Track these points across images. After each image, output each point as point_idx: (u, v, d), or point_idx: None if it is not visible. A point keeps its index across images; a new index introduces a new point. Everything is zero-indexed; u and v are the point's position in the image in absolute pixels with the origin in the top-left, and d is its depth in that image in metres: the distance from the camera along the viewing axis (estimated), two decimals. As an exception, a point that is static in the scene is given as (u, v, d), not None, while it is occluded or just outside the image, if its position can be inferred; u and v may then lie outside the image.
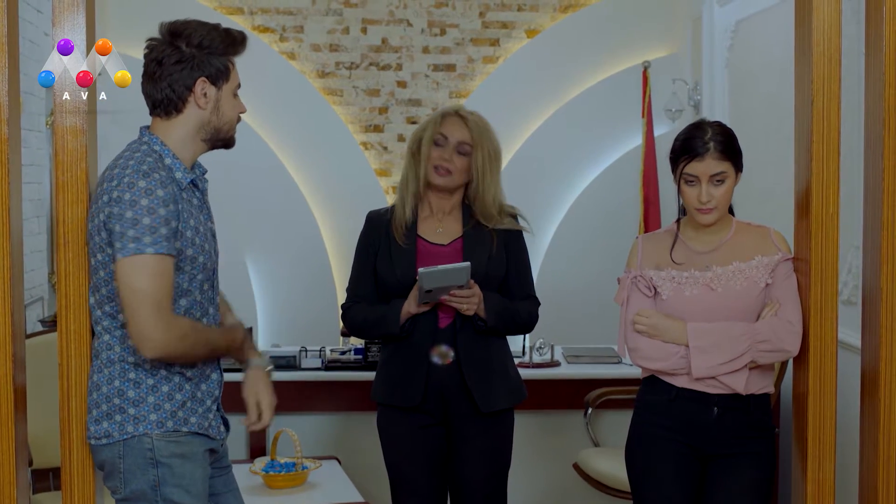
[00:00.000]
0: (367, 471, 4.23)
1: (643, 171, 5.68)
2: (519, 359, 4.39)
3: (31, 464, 3.34)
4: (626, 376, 4.30)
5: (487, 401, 3.09)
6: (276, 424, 4.30)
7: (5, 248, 2.39)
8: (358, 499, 3.79)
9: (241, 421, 2.56)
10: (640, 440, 2.85)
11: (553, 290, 5.39)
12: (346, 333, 4.34)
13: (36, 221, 4.92)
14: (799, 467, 2.72)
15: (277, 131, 5.93)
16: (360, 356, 4.41)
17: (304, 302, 5.92)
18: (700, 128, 2.75)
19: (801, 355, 2.71)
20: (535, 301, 3.21)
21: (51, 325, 4.42)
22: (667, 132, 5.61)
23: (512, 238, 3.16)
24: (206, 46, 2.37)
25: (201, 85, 2.38)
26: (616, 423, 4.21)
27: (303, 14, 5.99)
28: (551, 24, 6.09)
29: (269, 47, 5.92)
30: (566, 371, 4.50)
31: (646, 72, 5.72)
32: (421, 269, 2.96)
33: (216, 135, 2.44)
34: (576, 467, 4.12)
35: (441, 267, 2.96)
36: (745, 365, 2.70)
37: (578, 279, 5.91)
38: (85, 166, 2.46)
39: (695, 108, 5.59)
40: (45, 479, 3.71)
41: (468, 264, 2.98)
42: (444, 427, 3.14)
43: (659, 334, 2.75)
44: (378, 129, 6.08)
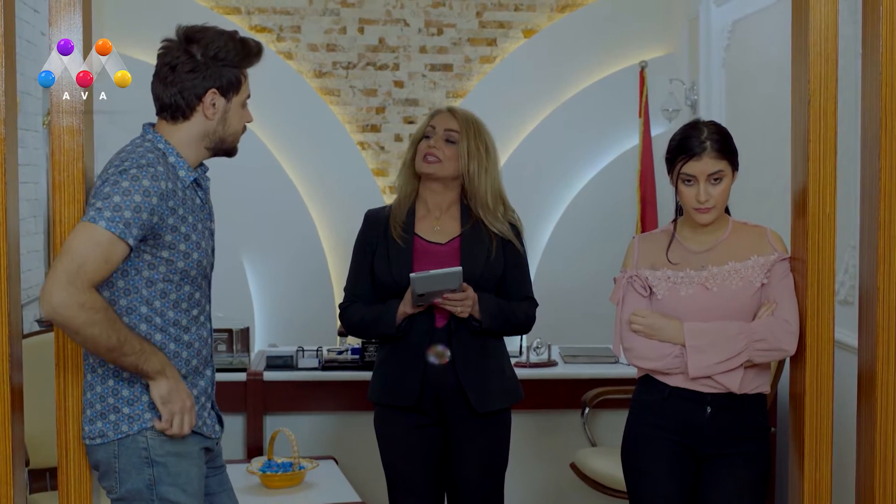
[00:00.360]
0: (364, 471, 4.23)
1: (640, 170, 5.69)
2: (516, 358, 4.39)
3: (27, 464, 3.33)
4: (623, 376, 4.30)
5: (483, 401, 3.09)
6: (274, 424, 4.31)
7: (2, 248, 2.38)
8: (355, 498, 3.79)
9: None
10: (635, 440, 2.85)
11: (550, 290, 5.39)
12: (343, 333, 4.33)
13: (33, 221, 4.92)
14: (796, 467, 2.72)
15: (275, 131, 5.93)
16: (357, 356, 4.40)
17: (301, 302, 5.92)
18: (696, 127, 2.75)
19: (797, 355, 2.71)
20: (532, 302, 3.21)
21: (48, 325, 4.41)
22: (664, 132, 5.62)
23: (510, 239, 3.16)
24: (221, 58, 2.37)
25: (211, 96, 2.38)
26: (613, 423, 4.21)
27: (300, 14, 5.99)
28: (548, 24, 6.09)
29: (266, 47, 5.90)
30: (563, 371, 4.49)
31: (643, 72, 5.73)
32: (413, 275, 2.96)
33: (220, 144, 2.45)
34: (573, 467, 4.12)
35: (433, 272, 2.96)
36: (741, 364, 2.70)
37: (575, 279, 5.91)
38: (82, 166, 2.45)
39: (691, 107, 5.58)
40: (42, 478, 3.70)
41: (460, 269, 2.98)
42: (441, 427, 3.14)
43: (655, 334, 2.75)
44: (375, 128, 6.08)
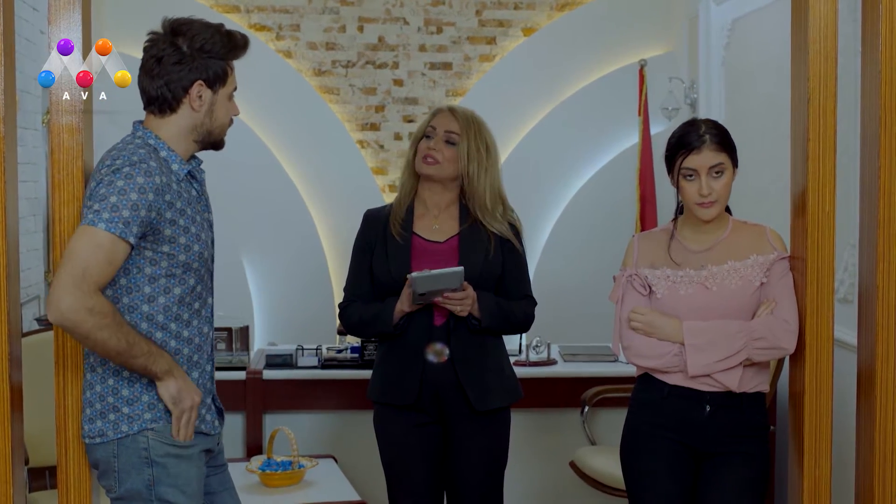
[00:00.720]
0: (364, 469, 4.23)
1: (639, 169, 5.68)
2: (515, 357, 4.39)
3: (27, 462, 3.33)
4: (623, 374, 4.30)
5: (482, 399, 3.09)
6: (273, 423, 4.31)
7: (1, 247, 2.39)
8: (354, 497, 3.79)
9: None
10: (634, 438, 2.85)
11: (550, 289, 5.40)
12: (342, 332, 4.33)
13: (32, 220, 4.92)
14: (795, 465, 2.72)
15: (274, 130, 5.92)
16: (356, 354, 4.40)
17: (300, 300, 5.91)
18: (693, 124, 2.77)
19: (797, 353, 2.71)
20: (531, 301, 3.21)
21: (47, 323, 4.41)
22: (663, 130, 5.61)
23: (509, 238, 3.16)
24: (208, 50, 2.37)
25: (198, 88, 2.37)
26: (612, 422, 4.21)
27: (299, 12, 5.99)
28: (548, 23, 6.08)
29: (265, 45, 5.91)
30: (563, 369, 4.49)
31: (642, 70, 5.72)
32: (414, 274, 2.95)
33: (207, 137, 2.44)
34: (572, 466, 4.12)
35: (434, 271, 2.96)
36: (741, 363, 2.70)
37: (575, 277, 5.91)
38: (81, 164, 2.45)
39: (691, 106, 5.58)
40: (42, 477, 3.70)
41: (461, 269, 2.98)
42: (441, 425, 3.14)
43: (654, 332, 2.75)
44: (375, 127, 6.08)
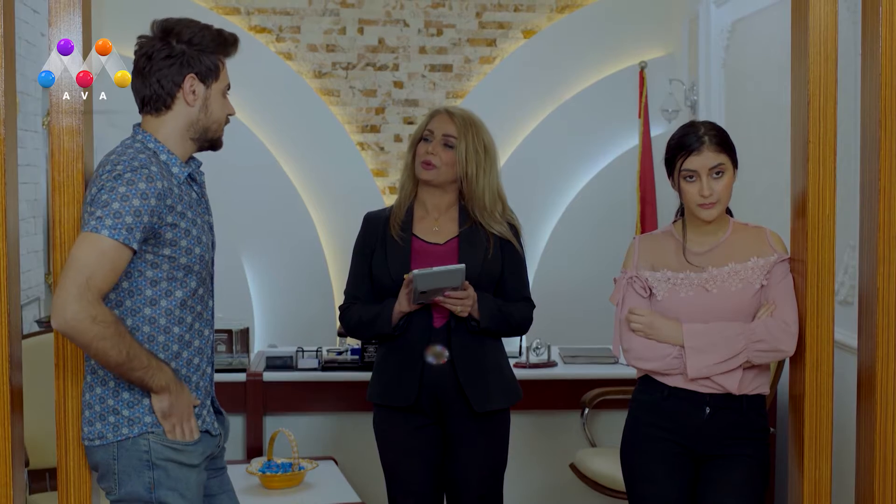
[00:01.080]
0: (364, 471, 4.23)
1: (640, 171, 5.69)
2: (515, 359, 4.39)
3: (27, 464, 3.33)
4: (623, 376, 4.30)
5: (482, 401, 3.09)
6: (273, 425, 4.31)
7: (1, 249, 2.38)
8: (354, 499, 3.79)
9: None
10: (634, 440, 2.85)
11: (550, 291, 5.40)
12: (342, 333, 4.33)
13: (32, 222, 4.92)
14: (795, 468, 2.72)
15: (274, 132, 5.93)
16: (356, 356, 4.40)
17: (300, 302, 5.92)
18: (693, 125, 2.77)
19: (797, 356, 2.71)
20: (529, 304, 3.21)
21: (47, 325, 4.41)
22: (663, 132, 5.62)
23: (509, 239, 3.16)
24: (197, 44, 2.37)
25: (190, 81, 2.38)
26: (613, 424, 4.21)
27: (299, 14, 5.99)
28: (548, 25, 6.09)
29: (265, 48, 5.92)
30: (563, 371, 4.49)
31: (642, 72, 5.73)
32: (416, 272, 2.95)
33: (204, 134, 2.44)
34: (572, 467, 4.12)
35: (436, 269, 2.95)
36: (740, 365, 2.70)
37: (575, 279, 5.91)
38: (81, 166, 2.45)
39: (691, 108, 5.59)
40: (42, 479, 3.71)
41: (463, 266, 2.98)
42: (440, 427, 3.14)
43: (654, 333, 2.75)
44: (375, 129, 6.08)
